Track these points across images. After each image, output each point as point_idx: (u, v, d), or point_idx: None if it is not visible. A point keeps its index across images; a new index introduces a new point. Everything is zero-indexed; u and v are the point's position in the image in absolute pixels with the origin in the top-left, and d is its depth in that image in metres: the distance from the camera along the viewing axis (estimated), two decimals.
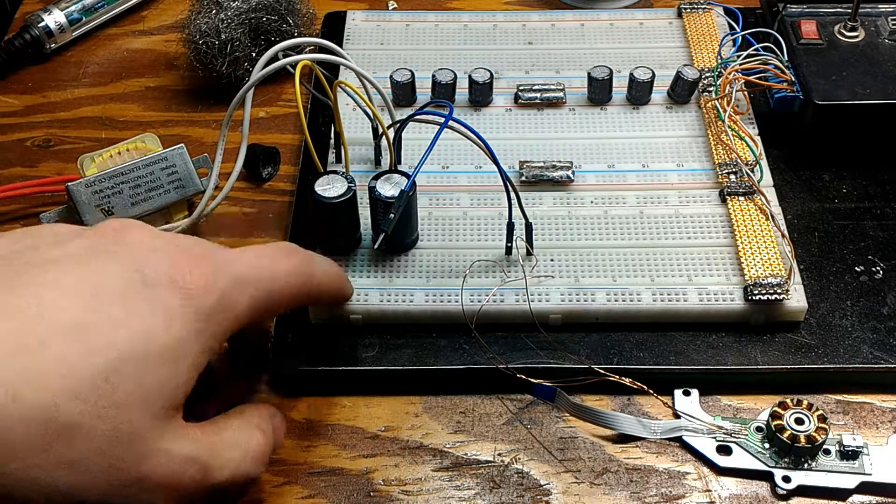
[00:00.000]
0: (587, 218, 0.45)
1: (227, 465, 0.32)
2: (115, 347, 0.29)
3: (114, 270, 0.30)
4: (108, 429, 0.28)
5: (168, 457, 0.30)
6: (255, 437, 0.34)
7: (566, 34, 0.55)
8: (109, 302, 0.29)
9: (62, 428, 0.27)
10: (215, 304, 0.31)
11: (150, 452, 0.29)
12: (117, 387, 0.28)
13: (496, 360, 0.41)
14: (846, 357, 0.41)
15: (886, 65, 0.49)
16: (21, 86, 0.56)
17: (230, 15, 0.52)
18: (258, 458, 0.34)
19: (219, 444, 0.32)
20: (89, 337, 0.28)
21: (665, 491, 0.38)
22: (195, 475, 0.30)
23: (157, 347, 0.29)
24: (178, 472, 0.30)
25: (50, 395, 0.27)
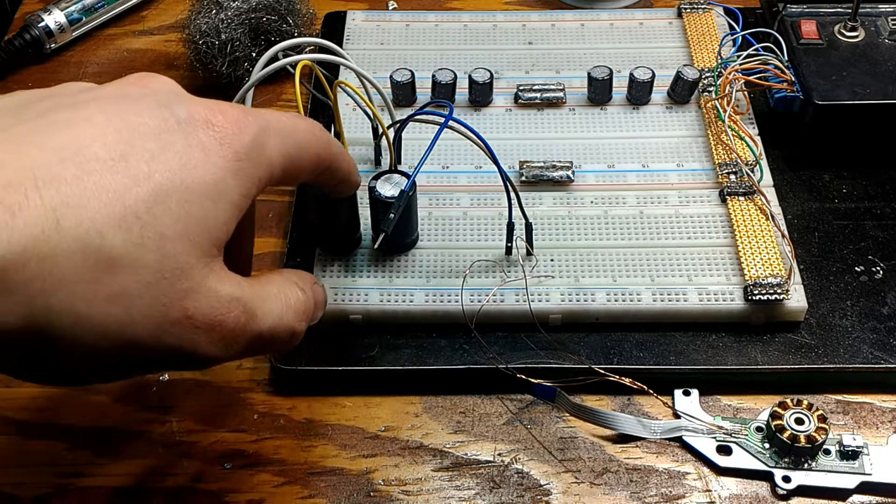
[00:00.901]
0: (587, 218, 0.45)
1: (270, 314, 0.32)
2: (154, 178, 0.28)
3: (147, 108, 0.29)
4: (153, 261, 0.27)
5: (213, 295, 0.29)
6: (294, 293, 0.33)
7: (566, 34, 0.55)
8: (145, 137, 0.28)
9: (108, 258, 0.27)
10: (249, 144, 0.30)
11: (195, 288, 0.29)
12: (160, 217, 0.28)
13: (496, 360, 0.41)
14: (846, 357, 0.41)
15: (886, 65, 0.49)
16: (21, 86, 0.56)
17: (230, 15, 0.52)
18: (300, 313, 0.33)
19: (261, 292, 0.32)
20: (129, 168, 0.28)
21: (665, 491, 0.38)
22: (239, 317, 0.30)
23: (196, 182, 0.29)
24: (222, 312, 0.29)
25: (93, 223, 0.26)
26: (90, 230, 0.26)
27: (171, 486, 0.39)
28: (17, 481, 0.39)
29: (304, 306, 0.34)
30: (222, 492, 0.38)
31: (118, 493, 0.39)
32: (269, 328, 0.31)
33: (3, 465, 0.39)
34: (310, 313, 0.34)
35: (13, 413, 0.41)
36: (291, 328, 0.33)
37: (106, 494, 0.38)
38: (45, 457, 0.40)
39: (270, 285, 0.33)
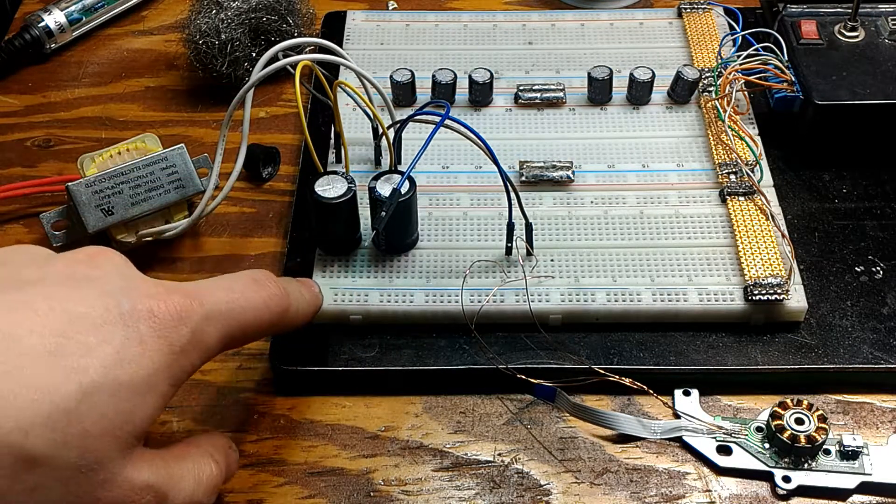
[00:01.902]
0: (587, 218, 0.45)
1: (182, 494, 0.32)
2: (87, 374, 0.29)
3: (90, 296, 0.30)
4: (73, 458, 0.28)
5: (128, 485, 0.30)
6: (208, 468, 0.34)
7: (566, 34, 0.55)
8: (84, 329, 0.29)
9: (29, 457, 0.27)
10: (188, 337, 0.31)
11: (110, 480, 0.29)
12: (86, 415, 0.28)
13: (496, 360, 0.41)
14: (846, 357, 0.41)
15: (886, 65, 0.49)
16: (21, 86, 0.56)
17: (230, 15, 0.52)
18: (209, 489, 0.34)
19: (175, 472, 0.32)
20: (62, 363, 0.28)
21: (665, 491, 0.38)
22: (151, 502, 0.31)
23: (128, 377, 0.29)
24: (135, 500, 0.30)
25: (19, 423, 0.27)
26: (14, 429, 0.27)
27: None
28: None
29: (216, 481, 0.34)
30: (222, 492, 0.38)
31: None
32: None
33: None
34: (219, 486, 0.35)
35: None
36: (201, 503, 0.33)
37: None
38: None
39: (186, 461, 0.33)
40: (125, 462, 0.30)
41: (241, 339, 0.34)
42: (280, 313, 0.35)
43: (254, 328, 0.34)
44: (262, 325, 0.34)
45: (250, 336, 0.35)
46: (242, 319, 0.33)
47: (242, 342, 0.34)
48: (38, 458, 0.28)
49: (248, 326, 0.34)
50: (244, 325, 0.34)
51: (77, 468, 0.28)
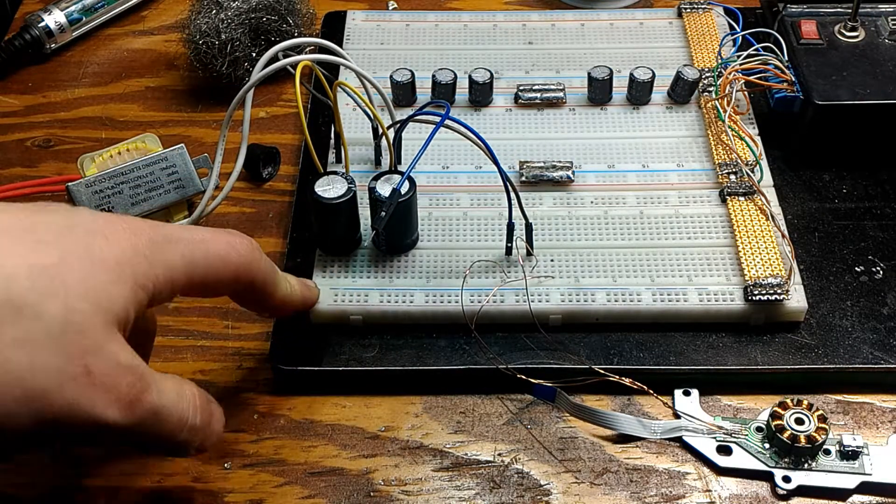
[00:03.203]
0: (587, 218, 0.45)
1: (167, 393, 0.32)
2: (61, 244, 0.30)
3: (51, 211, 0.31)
4: (58, 312, 0.29)
5: (113, 358, 0.30)
6: (190, 389, 0.34)
7: (566, 34, 0.55)
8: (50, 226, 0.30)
9: (15, 304, 0.28)
10: (147, 243, 0.32)
11: (96, 348, 0.30)
12: (66, 275, 0.29)
13: (496, 360, 0.41)
14: (846, 357, 0.41)
15: (886, 65, 0.49)
16: (21, 86, 0.56)
17: (230, 15, 0.52)
18: (195, 407, 0.34)
19: (157, 375, 0.32)
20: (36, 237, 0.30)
21: (665, 491, 0.38)
22: (135, 383, 0.31)
23: (98, 257, 0.30)
24: (120, 375, 0.30)
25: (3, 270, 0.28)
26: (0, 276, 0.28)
27: (171, 486, 0.39)
28: (17, 481, 0.39)
29: (199, 403, 0.34)
30: (222, 492, 0.38)
31: (118, 493, 0.38)
32: (164, 406, 0.32)
33: (4, 465, 0.39)
34: (206, 413, 0.34)
35: None
36: (185, 416, 0.33)
37: (106, 494, 0.38)
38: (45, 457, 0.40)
39: (168, 377, 0.33)
40: (109, 337, 0.30)
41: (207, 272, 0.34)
42: (249, 259, 0.35)
43: (221, 264, 0.34)
44: (229, 264, 0.34)
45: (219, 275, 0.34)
46: (206, 248, 0.34)
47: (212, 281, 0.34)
48: (23, 306, 0.28)
49: (213, 257, 0.34)
50: (208, 255, 0.34)
51: (63, 324, 0.29)
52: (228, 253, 0.34)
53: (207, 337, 0.44)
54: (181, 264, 0.33)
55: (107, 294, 0.30)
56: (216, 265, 0.34)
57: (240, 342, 0.43)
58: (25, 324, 0.28)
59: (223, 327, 0.44)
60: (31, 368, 0.28)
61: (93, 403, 0.30)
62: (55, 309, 0.29)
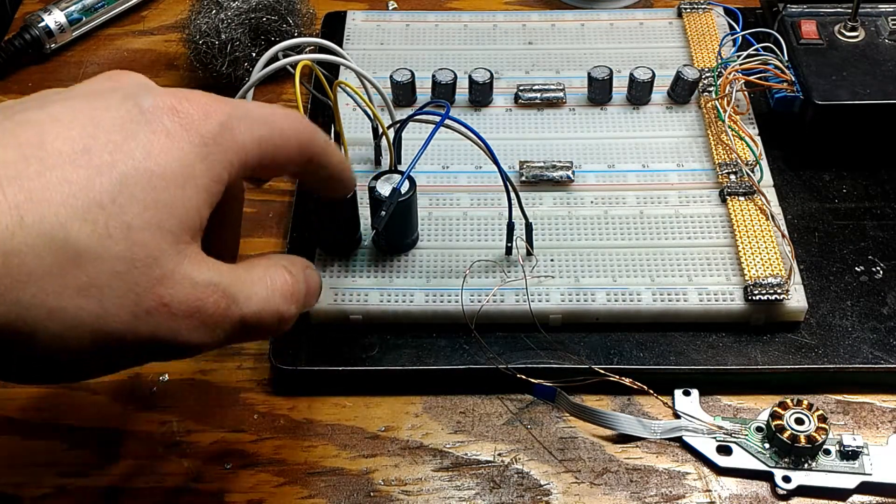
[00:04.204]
0: (587, 218, 0.45)
1: (254, 297, 0.31)
2: (118, 168, 0.28)
3: (112, 103, 0.29)
4: (121, 251, 0.27)
5: (188, 281, 0.29)
6: (281, 276, 0.33)
7: (566, 34, 0.55)
8: (109, 129, 0.28)
9: (73, 251, 0.27)
10: (217, 128, 0.30)
11: (168, 276, 0.28)
12: (125, 207, 0.27)
13: (496, 360, 0.41)
14: (846, 357, 0.41)
15: (886, 65, 0.49)
16: (21, 86, 0.56)
17: (230, 15, 0.52)
18: (287, 296, 0.32)
19: (244, 276, 0.31)
20: (91, 160, 0.28)
21: (665, 491, 0.38)
22: (219, 301, 0.29)
23: (160, 168, 0.28)
24: (200, 298, 0.29)
25: (57, 218, 0.26)
26: (54, 224, 0.26)
27: (171, 486, 0.39)
28: (17, 481, 0.39)
29: (293, 289, 0.33)
30: (222, 492, 0.38)
31: (118, 493, 0.39)
32: (253, 312, 0.31)
33: (3, 465, 0.39)
34: (300, 297, 0.33)
35: (13, 413, 0.41)
36: (279, 311, 0.32)
37: (106, 494, 0.38)
38: (45, 457, 0.40)
39: (255, 269, 0.32)
40: (180, 258, 0.29)
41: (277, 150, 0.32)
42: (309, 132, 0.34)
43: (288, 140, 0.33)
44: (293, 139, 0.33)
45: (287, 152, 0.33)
46: (273, 126, 0.32)
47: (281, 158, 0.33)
48: (82, 252, 0.27)
49: (280, 134, 0.32)
50: (276, 132, 0.32)
51: (129, 262, 0.27)
52: (292, 127, 0.33)
53: None
54: (254, 144, 0.31)
55: (173, 211, 0.28)
56: (283, 143, 0.33)
57: None
58: (88, 268, 0.27)
59: None
60: (102, 314, 0.27)
61: (175, 333, 0.29)
62: (117, 247, 0.27)
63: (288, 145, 0.33)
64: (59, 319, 0.27)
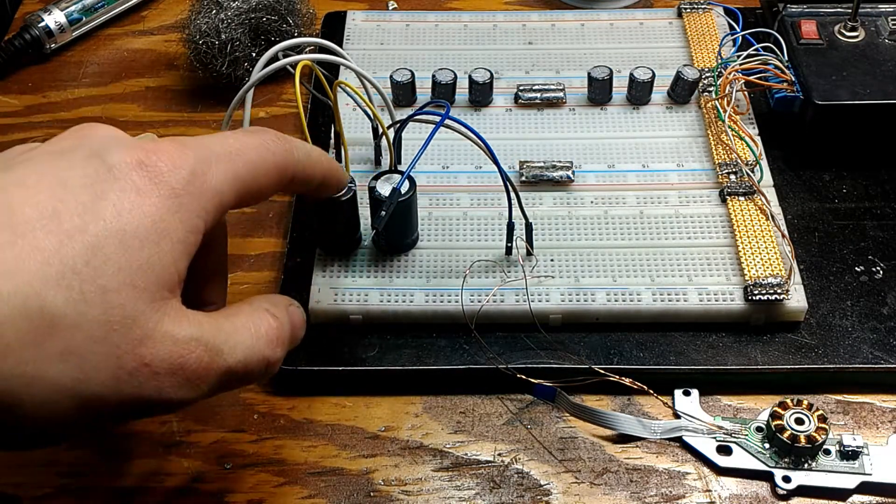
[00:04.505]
0: (587, 218, 0.45)
1: (238, 347, 0.31)
2: (89, 230, 0.28)
3: (78, 161, 0.29)
4: (98, 314, 0.27)
5: (169, 339, 0.29)
6: (265, 321, 0.32)
7: (566, 34, 0.55)
8: (77, 190, 0.28)
9: (49, 319, 0.27)
10: (187, 177, 0.30)
11: (148, 336, 0.28)
12: (99, 270, 0.27)
13: (496, 360, 0.41)
14: (846, 357, 0.41)
15: (886, 65, 0.49)
16: (21, 86, 0.56)
17: (230, 15, 0.52)
18: (273, 340, 0.32)
19: (226, 326, 0.31)
20: (61, 224, 0.27)
21: (665, 491, 0.38)
22: (202, 356, 0.29)
23: (132, 227, 0.28)
24: (182, 355, 0.29)
25: (31, 287, 0.26)
26: (29, 294, 0.26)
27: (171, 486, 0.39)
28: (17, 481, 0.39)
29: (278, 332, 0.33)
30: (222, 492, 0.38)
31: (118, 493, 0.39)
32: (238, 361, 0.31)
33: (3, 465, 0.39)
34: (285, 338, 0.33)
35: None
36: (265, 358, 0.32)
37: (106, 494, 0.38)
38: (46, 457, 0.40)
39: (238, 317, 0.32)
40: (159, 316, 0.28)
41: (253, 182, 0.32)
42: (283, 153, 0.33)
43: (262, 168, 0.32)
44: (269, 166, 0.32)
45: (263, 180, 0.32)
46: (245, 158, 0.32)
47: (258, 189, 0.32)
48: (58, 319, 0.27)
49: (253, 165, 0.32)
50: (248, 164, 0.32)
51: (106, 325, 0.27)
52: (264, 156, 0.32)
53: None
54: (227, 185, 0.31)
55: (149, 269, 0.28)
56: (258, 172, 0.32)
57: None
58: (66, 335, 0.27)
59: None
60: (83, 379, 0.27)
61: (159, 391, 0.29)
62: (94, 311, 0.27)
63: (264, 173, 0.33)
64: (40, 387, 0.27)
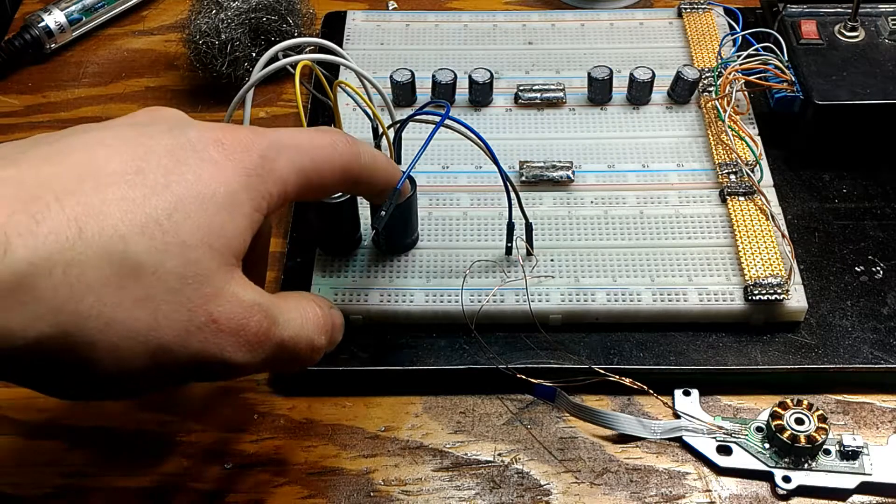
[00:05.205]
0: (587, 218, 0.45)
1: (291, 323, 0.32)
2: (172, 189, 0.29)
3: (158, 131, 0.30)
4: (176, 266, 0.28)
5: (236, 300, 0.30)
6: (311, 308, 0.34)
7: (566, 34, 0.55)
8: (159, 154, 0.29)
9: (132, 264, 0.27)
10: (258, 160, 0.31)
11: (218, 293, 0.29)
12: (180, 225, 0.29)
13: (496, 360, 0.41)
14: (846, 357, 0.41)
15: (886, 65, 0.49)
16: (21, 86, 0.56)
17: (230, 15, 0.52)
18: (318, 327, 0.34)
19: (281, 303, 0.32)
20: (146, 180, 0.29)
21: (665, 491, 0.38)
22: (262, 321, 0.30)
23: (210, 192, 0.29)
24: (245, 317, 0.30)
25: (117, 231, 0.27)
26: (113, 237, 0.27)
27: (171, 486, 0.39)
28: (17, 481, 0.39)
29: (323, 321, 0.34)
30: (222, 492, 0.38)
31: (118, 493, 0.39)
32: (290, 336, 0.32)
33: (4, 465, 0.39)
34: (329, 330, 0.35)
35: (14, 413, 0.41)
36: (311, 340, 0.33)
37: (106, 494, 0.38)
38: (47, 457, 0.40)
39: (289, 299, 0.33)
40: (228, 277, 0.30)
41: (317, 177, 0.33)
42: (350, 156, 0.35)
43: (328, 166, 0.34)
44: (335, 165, 0.34)
45: (328, 178, 0.34)
46: (313, 154, 0.33)
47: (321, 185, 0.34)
48: (141, 265, 0.28)
49: (320, 162, 0.33)
50: (315, 160, 0.33)
51: (183, 278, 0.28)
52: (332, 155, 0.34)
53: None
54: (293, 175, 0.32)
55: (223, 233, 0.30)
56: (324, 169, 0.34)
57: None
58: (145, 281, 0.28)
59: None
60: (156, 326, 0.28)
61: (221, 350, 0.30)
62: (172, 263, 0.28)
63: (329, 172, 0.34)
64: (115, 331, 0.27)
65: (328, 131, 0.35)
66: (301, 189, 0.33)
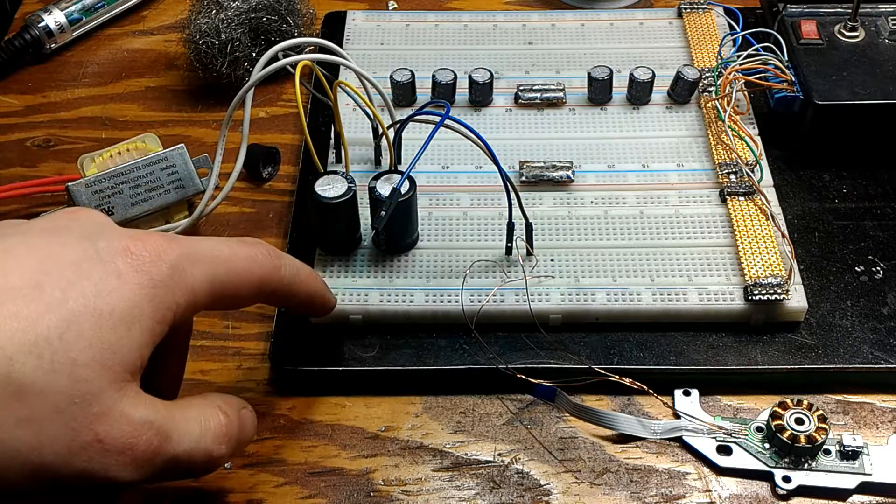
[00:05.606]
0: (587, 218, 0.45)
1: (187, 437, 0.32)
2: (68, 305, 0.29)
3: (68, 240, 0.30)
4: (64, 386, 0.28)
5: (125, 419, 0.29)
6: (215, 417, 0.33)
7: (566, 34, 0.55)
8: (63, 266, 0.29)
9: (17, 384, 0.28)
10: (167, 271, 0.31)
11: (105, 413, 0.29)
12: (72, 344, 0.28)
13: (496, 360, 0.41)
14: (846, 357, 0.41)
15: (886, 65, 0.49)
16: (21, 86, 0.56)
17: (230, 15, 0.52)
18: (220, 437, 0.33)
19: (178, 415, 0.32)
20: (42, 296, 0.29)
21: (665, 491, 0.38)
22: (152, 440, 0.30)
23: (109, 308, 0.29)
24: (134, 435, 0.30)
25: (4, 351, 0.27)
26: (2, 358, 0.27)
27: (171, 486, 0.39)
28: None
29: (226, 430, 0.33)
30: (222, 492, 0.38)
31: None
32: (185, 451, 0.32)
33: None
34: (232, 438, 0.34)
35: None
36: (209, 452, 0.33)
37: None
38: None
39: (191, 409, 0.33)
40: (119, 396, 0.29)
41: (231, 289, 0.33)
42: (270, 269, 0.34)
43: (244, 279, 0.33)
44: (252, 278, 0.34)
45: (243, 290, 0.34)
46: (229, 266, 0.33)
47: (235, 297, 0.34)
48: (26, 385, 0.28)
49: (235, 274, 0.33)
50: (231, 273, 0.33)
51: (70, 398, 0.28)
52: (250, 268, 0.34)
53: (207, 337, 0.44)
54: (204, 286, 0.32)
55: (117, 349, 0.29)
56: (238, 282, 0.33)
57: (240, 342, 0.43)
58: (29, 402, 0.28)
59: (223, 327, 0.44)
60: (38, 446, 0.28)
61: (105, 469, 0.29)
62: (60, 383, 0.28)
63: (246, 284, 0.34)
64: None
65: (251, 243, 0.35)
66: (213, 299, 0.33)
